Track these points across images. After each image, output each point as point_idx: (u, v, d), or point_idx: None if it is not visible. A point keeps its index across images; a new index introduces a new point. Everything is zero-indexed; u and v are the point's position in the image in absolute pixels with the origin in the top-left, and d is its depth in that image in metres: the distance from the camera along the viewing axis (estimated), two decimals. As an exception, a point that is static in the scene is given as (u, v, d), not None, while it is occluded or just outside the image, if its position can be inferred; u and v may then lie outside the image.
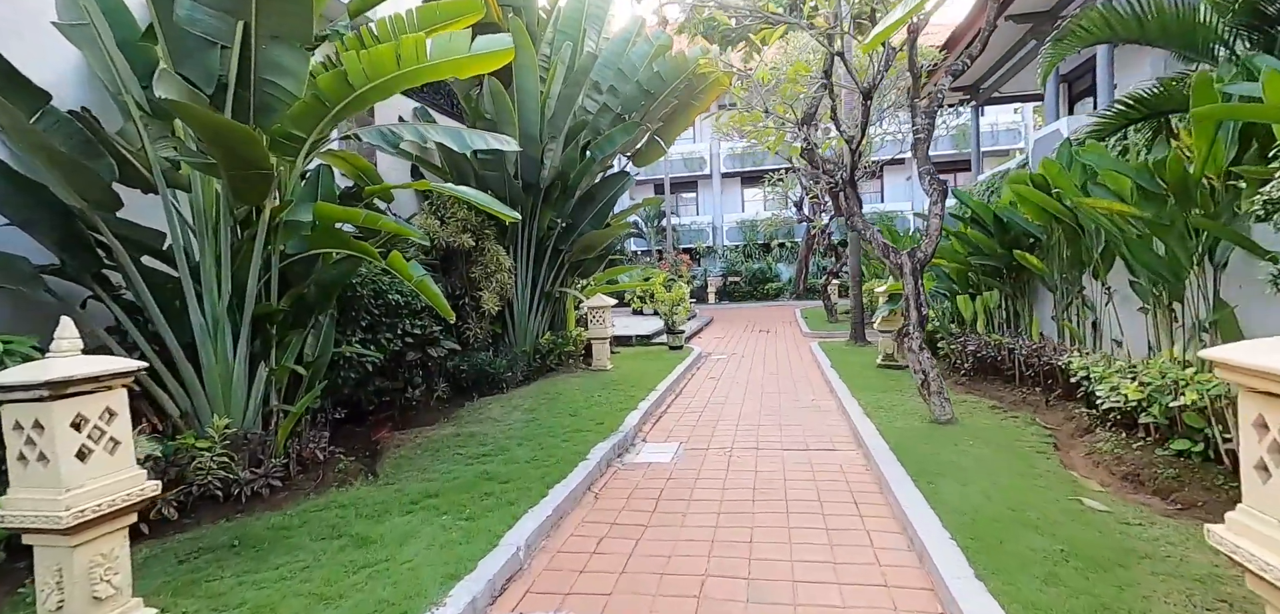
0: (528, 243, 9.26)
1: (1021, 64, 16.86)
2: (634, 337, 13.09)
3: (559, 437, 5.83)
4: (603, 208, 9.52)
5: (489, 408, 7.27)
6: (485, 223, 8.73)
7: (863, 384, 7.81)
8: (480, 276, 8.54)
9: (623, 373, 9.48)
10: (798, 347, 12.76)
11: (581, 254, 9.66)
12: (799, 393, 8.16)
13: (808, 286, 25.63)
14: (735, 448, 5.72)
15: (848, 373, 8.74)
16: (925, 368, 5.80)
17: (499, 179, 8.58)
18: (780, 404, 7.52)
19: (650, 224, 28.49)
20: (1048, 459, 4.56)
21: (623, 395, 7.69)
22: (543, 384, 8.66)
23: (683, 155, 29.93)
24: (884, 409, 6.38)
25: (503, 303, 9.01)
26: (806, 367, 10.23)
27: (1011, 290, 7.39)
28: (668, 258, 23.13)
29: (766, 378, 9.35)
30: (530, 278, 9.34)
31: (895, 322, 9.11)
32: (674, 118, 9.71)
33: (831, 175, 7.17)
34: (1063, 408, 5.84)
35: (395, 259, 4.71)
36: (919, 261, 6.20)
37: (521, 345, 9.31)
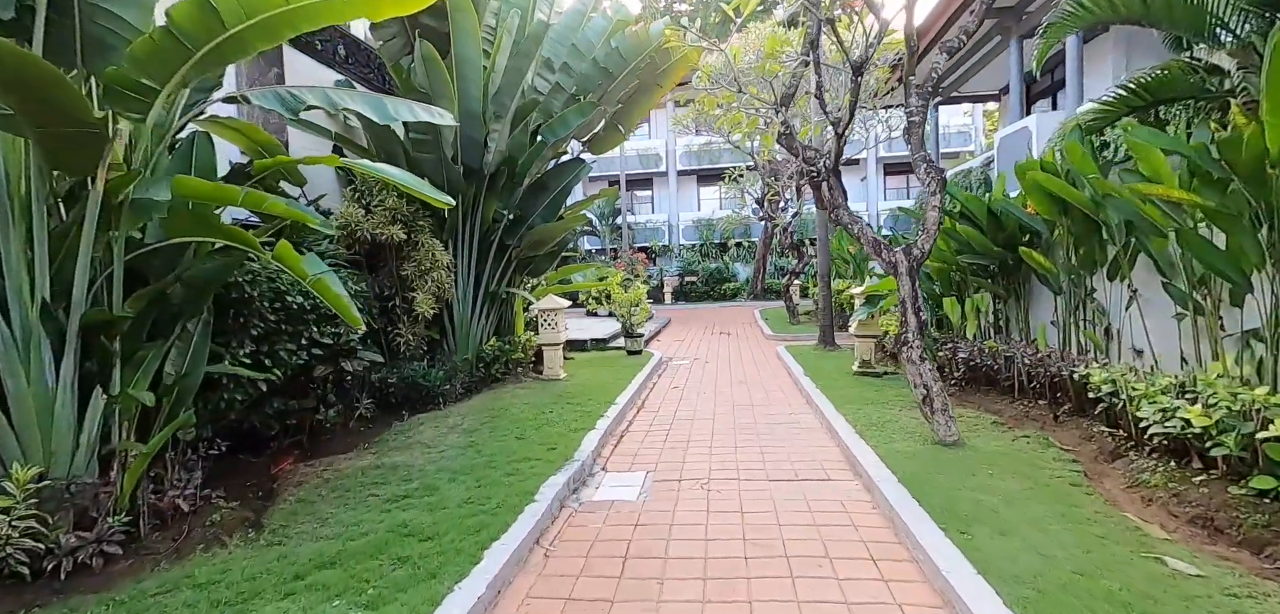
0: (470, 236, 8.17)
1: (981, 63, 16.71)
2: (589, 341, 12.11)
3: (502, 468, 4.82)
4: (555, 199, 8.51)
5: (421, 429, 6.18)
6: (419, 212, 7.61)
7: (843, 395, 7.08)
8: (413, 275, 7.41)
9: (578, 383, 8.50)
10: (762, 350, 12.05)
11: (531, 250, 8.63)
12: (773, 404, 7.37)
13: (765, 287, 25.18)
14: (713, 478, 4.84)
15: (824, 381, 8.02)
16: (928, 382, 5.06)
17: (435, 162, 7.46)
18: (756, 419, 6.70)
19: (605, 222, 27.51)
20: (1087, 494, 3.85)
21: (578, 411, 6.72)
22: (487, 398, 7.59)
23: (638, 151, 29.08)
24: (876, 427, 5.63)
25: (440, 305, 7.90)
26: (776, 373, 9.48)
27: (1004, 292, 6.79)
28: (623, 257, 22.21)
29: (735, 387, 8.54)
30: (473, 276, 8.25)
31: (873, 326, 8.45)
32: (635, 100, 8.80)
33: (812, 163, 6.40)
34: (1075, 425, 5.20)
35: (284, 251, 3.63)
36: (916, 260, 5.47)
37: (463, 353, 8.22)
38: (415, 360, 7.44)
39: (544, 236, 8.35)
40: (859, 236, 5.92)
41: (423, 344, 7.70)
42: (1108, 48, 13.39)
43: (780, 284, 25.61)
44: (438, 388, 7.21)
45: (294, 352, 5.05)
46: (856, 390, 7.34)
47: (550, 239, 8.47)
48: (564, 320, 9.29)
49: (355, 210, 7.08)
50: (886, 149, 27.58)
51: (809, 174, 6.49)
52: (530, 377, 8.96)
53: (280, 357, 4.94)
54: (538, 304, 8.74)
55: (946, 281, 7.80)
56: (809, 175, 6.46)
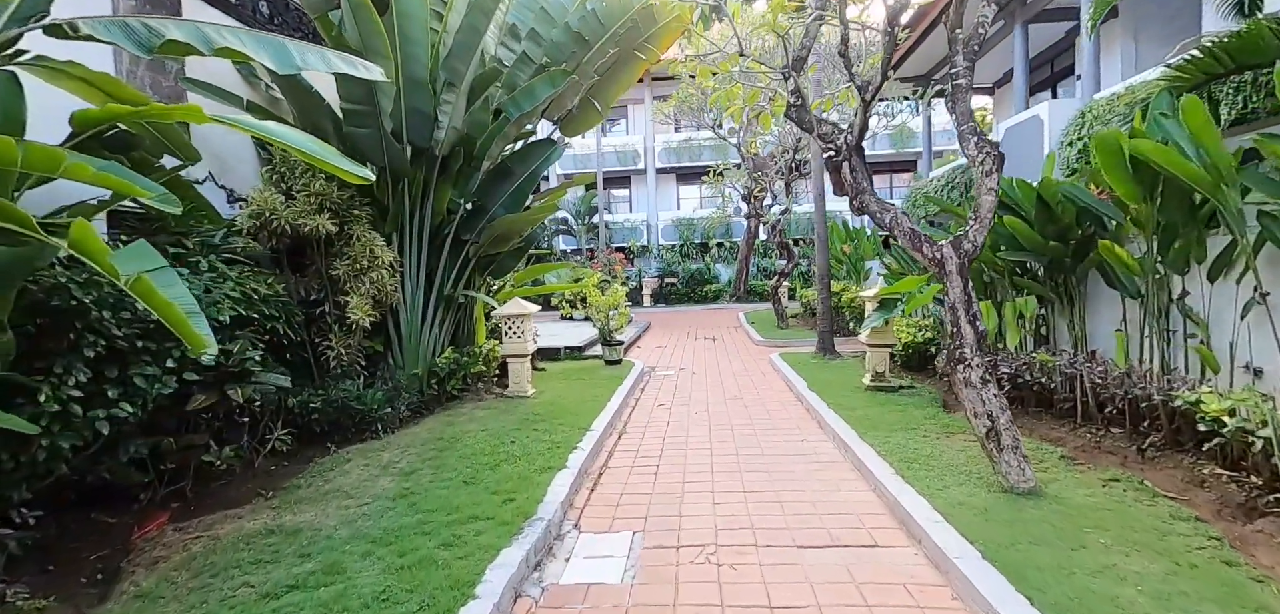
0: (419, 230, 6.89)
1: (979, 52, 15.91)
2: (562, 349, 10.88)
3: (438, 534, 3.58)
4: (522, 185, 7.27)
5: (346, 469, 4.90)
6: (355, 199, 6.32)
7: (861, 416, 5.98)
8: (346, 275, 6.12)
9: (548, 400, 7.27)
10: (754, 359, 10.94)
11: (494, 247, 7.38)
12: (780, 428, 6.24)
13: (748, 288, 24.19)
14: (723, 543, 3.66)
15: (833, 397, 6.92)
16: (993, 412, 3.96)
17: (372, 139, 6.18)
18: (762, 448, 5.55)
19: (581, 221, 26.27)
20: (1255, 579, 2.76)
21: (546, 440, 5.51)
22: (438, 423, 6.33)
23: (616, 148, 27.93)
24: (917, 463, 4.52)
25: (382, 311, 6.61)
26: (774, 387, 8.36)
27: (1053, 295, 5.75)
28: (600, 257, 20.99)
29: (731, 404, 7.39)
30: (422, 277, 6.97)
31: (887, 334, 7.38)
32: (614, 73, 7.60)
33: (830, 140, 5.28)
34: (1171, 463, 4.16)
35: (80, 235, 2.35)
36: (967, 254, 4.38)
37: (411, 368, 6.93)
38: (349, 378, 6.14)
39: (508, 230, 7.10)
40: (891, 227, 4.81)
41: (360, 359, 6.39)
42: (1116, 35, 12.62)
43: (765, 286, 24.65)
44: (375, 412, 5.92)
45: (157, 377, 3.74)
46: (875, 411, 6.25)
47: (515, 233, 7.23)
48: (533, 327, 8.05)
49: (272, 195, 5.76)
50: (870, 147, 26.85)
51: (825, 153, 5.39)
52: (493, 393, 7.71)
53: (136, 385, 3.63)
54: (501, 309, 7.49)
55: (977, 282, 6.75)
56: (825, 155, 5.35)
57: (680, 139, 27.66)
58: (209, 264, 4.60)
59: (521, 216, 6.87)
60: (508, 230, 7.07)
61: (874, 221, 4.98)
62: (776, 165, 15.38)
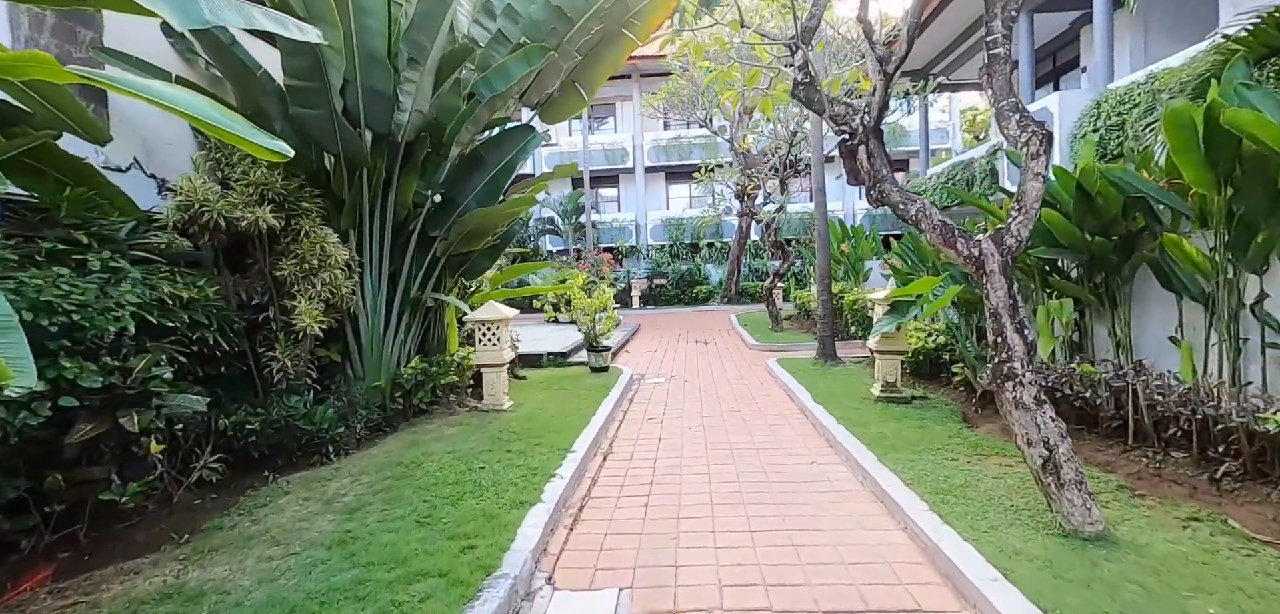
0: (381, 225, 6.16)
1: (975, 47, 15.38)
2: (545, 355, 10.16)
3: (376, 599, 2.87)
4: (497, 176, 6.54)
5: (280, 506, 4.17)
6: (304, 190, 5.59)
7: (877, 434, 5.34)
8: (293, 276, 5.37)
9: (526, 415, 6.56)
10: (749, 364, 10.28)
11: (465, 244, 6.65)
12: (786, 447, 5.57)
13: (739, 289, 23.57)
14: (729, 603, 2.98)
15: (841, 410, 6.27)
16: (1051, 439, 3.31)
17: (322, 121, 5.44)
18: (766, 471, 4.88)
19: (568, 220, 25.54)
20: None
21: (520, 465, 4.80)
22: (400, 442, 5.60)
23: (603, 146, 27.21)
24: (953, 494, 3.87)
25: (339, 316, 5.88)
26: (774, 397, 7.70)
27: (1092, 297, 5.12)
28: (587, 257, 20.27)
29: (729, 418, 6.71)
30: (384, 277, 6.24)
31: (899, 340, 6.73)
32: (599, 53, 6.90)
33: (844, 122, 4.62)
34: (1254, 497, 3.53)
35: None
36: (1010, 250, 3.74)
37: (372, 380, 6.20)
38: (297, 394, 5.39)
39: (481, 225, 6.38)
40: (917, 219, 4.16)
41: (310, 371, 5.65)
42: (1125, 26, 12.11)
43: (757, 287, 24.03)
44: (326, 433, 5.18)
45: (23, 405, 3.00)
46: (891, 426, 5.60)
47: (489, 228, 6.50)
48: (510, 334, 7.34)
49: (203, 184, 5.00)
50: (863, 145, 26.31)
51: (840, 137, 4.74)
52: (466, 406, 6.98)
53: (-10, 411, 2.89)
54: (474, 314, 6.76)
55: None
56: (840, 140, 4.70)
57: (670, 136, 27.02)
58: (102, 262, 3.84)
59: (496, 210, 6.15)
60: (481, 225, 6.35)
61: (897, 214, 4.32)
62: (769, 162, 14.75)
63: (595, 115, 29.50)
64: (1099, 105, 9.23)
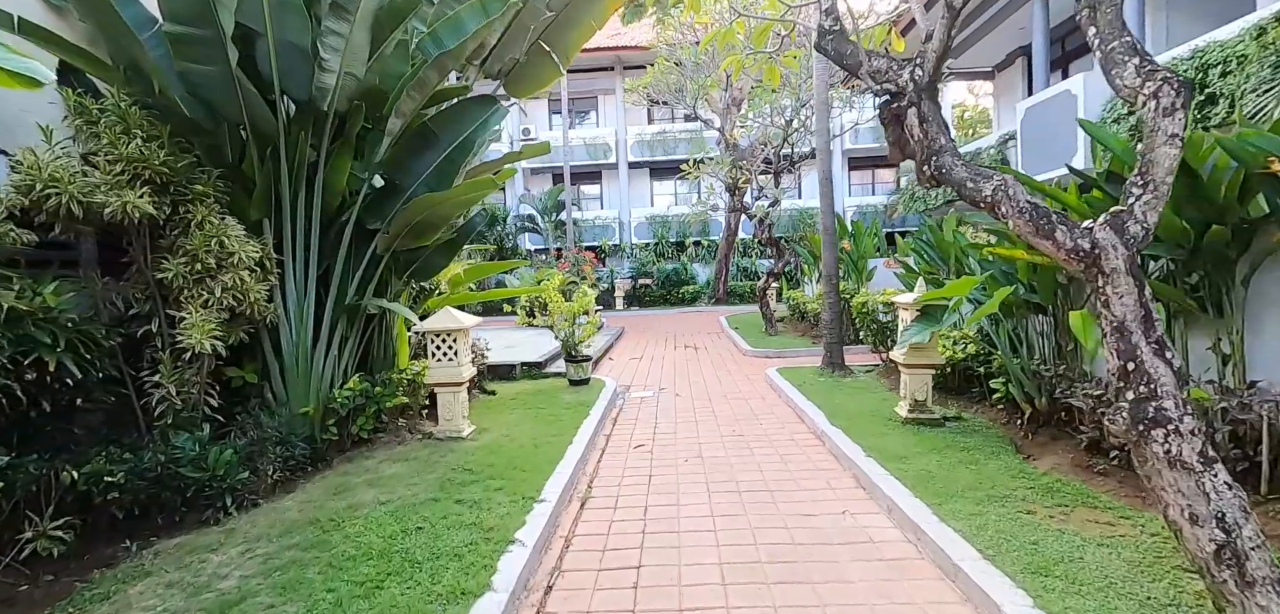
0: (306, 215, 5.00)
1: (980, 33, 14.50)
2: (518, 366, 9.03)
3: None
4: (452, 156, 5.40)
5: (125, 599, 3.01)
6: (198, 169, 4.41)
7: (918, 470, 4.31)
8: (182, 279, 4.20)
9: (489, 445, 5.44)
10: (746, 373, 9.25)
11: (414, 238, 5.50)
12: (804, 486, 4.52)
13: (728, 289, 22.59)
14: None
15: (868, 437, 5.25)
16: (1227, 516, 2.27)
17: (217, 80, 4.26)
18: (789, 528, 3.82)
19: (548, 217, 24.35)
20: None
21: (471, 522, 3.70)
22: (324, 488, 4.47)
23: (585, 141, 26.05)
24: (1053, 572, 2.85)
25: (251, 328, 4.72)
26: (781, 417, 6.65)
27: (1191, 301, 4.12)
28: (567, 256, 19.13)
29: (730, 444, 5.65)
30: (311, 279, 5.08)
31: (931, 352, 5.72)
32: (575, 12, 5.78)
33: (887, 78, 3.58)
34: None
35: None
36: (1136, 241, 2.72)
37: (299, 405, 5.05)
38: (190, 429, 4.22)
39: (433, 215, 5.22)
40: (995, 201, 3.11)
41: (211, 397, 4.48)
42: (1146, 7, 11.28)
43: (745, 287, 23.04)
44: (224, 480, 4.02)
45: None
46: (933, 460, 4.57)
47: (442, 219, 5.36)
48: (472, 345, 6.21)
49: (53, 160, 3.81)
50: (852, 140, 25.53)
51: (881, 97, 3.71)
52: (418, 432, 5.85)
53: None
54: (425, 323, 5.63)
55: (1049, 283, 5.14)
56: (881, 102, 3.67)
57: (654, 131, 25.98)
58: None
59: (449, 195, 4.99)
60: (432, 215, 5.19)
61: (963, 195, 3.28)
62: (763, 153, 13.72)
63: (577, 108, 28.35)
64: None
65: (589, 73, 25.89)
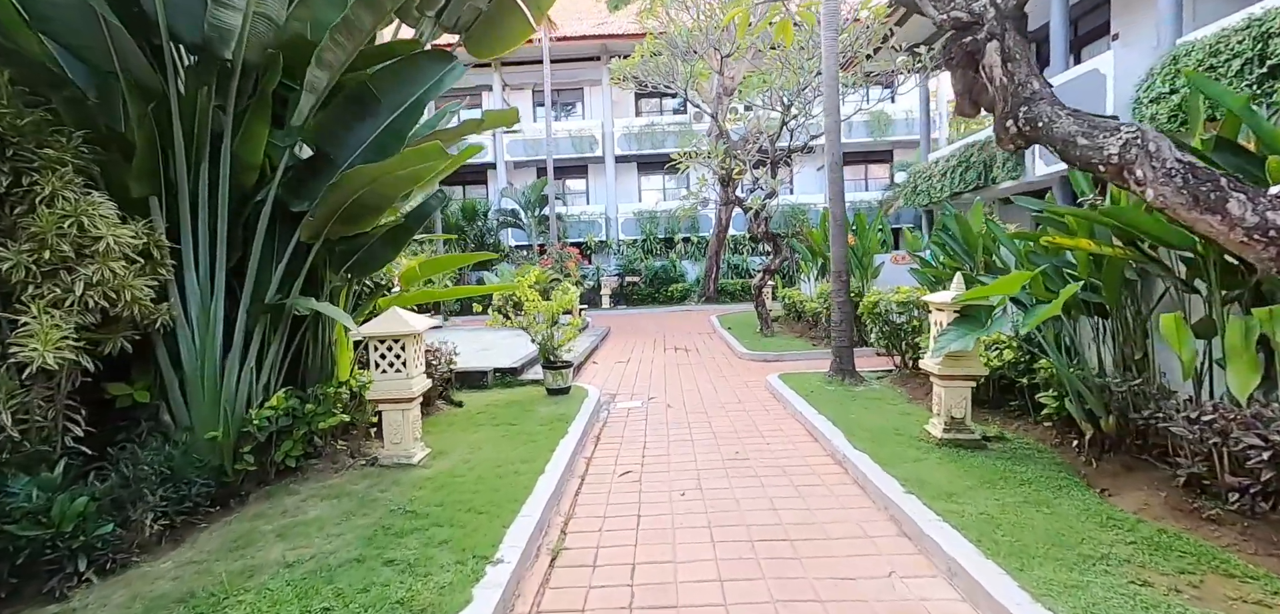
0: (210, 194, 4.01)
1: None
2: (490, 372, 8.05)
3: None
4: (396, 124, 4.39)
5: None
6: (48, 130, 3.41)
7: (980, 515, 3.43)
8: (25, 271, 3.20)
9: (444, 474, 4.48)
10: (744, 380, 8.36)
11: (351, 223, 4.50)
12: (833, 533, 3.61)
13: (718, 288, 21.72)
14: None
15: (895, 460, 4.37)
16: None
17: (84, 21, 3.26)
18: (822, 598, 2.91)
19: (531, 212, 23.33)
20: None
21: (400, 596, 2.74)
22: (221, 538, 3.49)
23: (570, 133, 25.03)
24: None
25: (136, 332, 3.73)
26: (791, 435, 5.75)
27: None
28: (551, 251, 18.15)
29: (735, 473, 4.73)
30: (220, 274, 4.09)
31: (971, 362, 4.83)
32: (549, -46, 4.83)
33: (964, 9, 2.69)
34: None
35: None
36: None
37: (205, 430, 4.06)
38: (38, 465, 3.22)
39: (373, 193, 4.23)
40: (1123, 162, 2.25)
41: (70, 425, 3.48)
42: None
43: (735, 285, 22.16)
44: (75, 537, 3.03)
45: None
46: (992, 499, 3.68)
47: (384, 198, 4.36)
48: (422, 351, 5.26)
49: None
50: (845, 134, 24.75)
51: (952, 31, 2.82)
52: (361, 457, 4.88)
53: None
54: (366, 327, 4.65)
55: (1115, 280, 4.28)
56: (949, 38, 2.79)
57: (642, 123, 25.04)
58: None
59: (386, 166, 3.99)
60: (370, 195, 4.21)
61: (1070, 156, 2.39)
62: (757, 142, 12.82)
63: (562, 100, 27.34)
64: (1175, 60, 7.51)
65: (574, 63, 24.93)
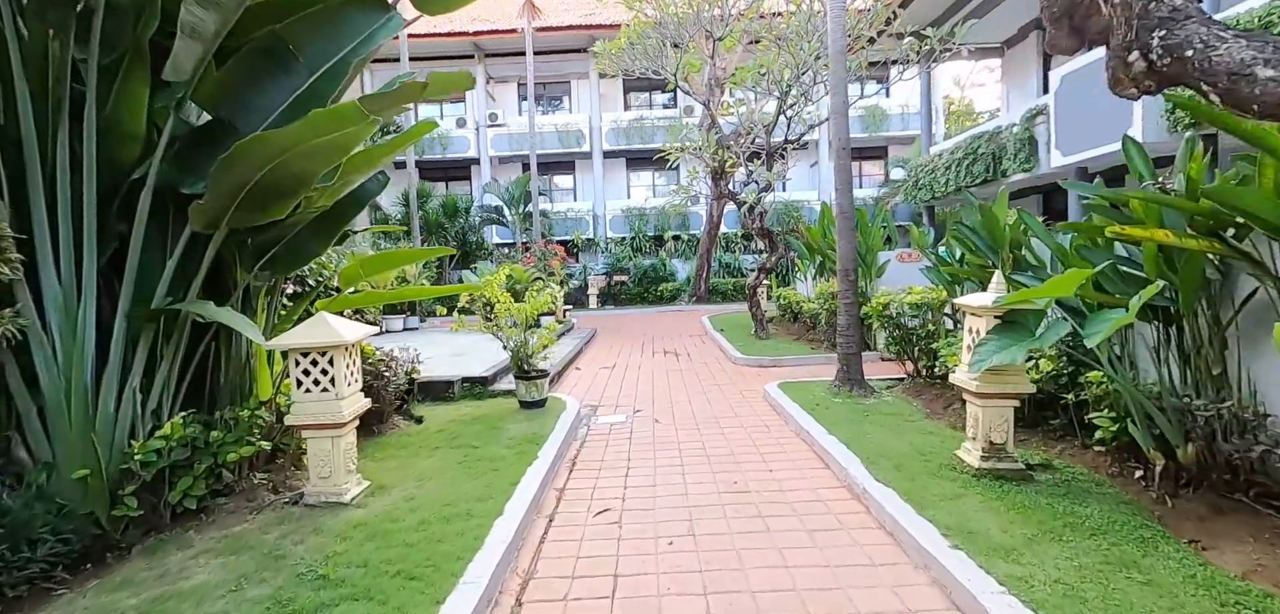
0: (70, 171, 3.15)
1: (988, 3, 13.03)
2: (458, 382, 7.21)
3: None
4: (317, 86, 3.55)
5: None
6: None
7: (1052, 585, 2.66)
8: None
9: (380, 518, 3.65)
10: (740, 390, 7.58)
11: (260, 209, 3.63)
12: (861, 605, 2.83)
13: (710, 287, 20.96)
14: None
15: (929, 497, 3.61)
16: None
17: None
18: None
19: (515, 208, 22.46)
20: None
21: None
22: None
23: (557, 128, 24.17)
24: None
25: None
26: (797, 459, 4.96)
27: None
28: (533, 248, 17.30)
29: (736, 511, 3.94)
30: (89, 271, 3.24)
31: (1016, 378, 4.06)
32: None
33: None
34: None
35: None
36: None
37: (71, 468, 3.21)
38: None
39: (279, 172, 3.37)
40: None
41: None
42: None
43: (727, 284, 21.41)
44: None
45: None
46: (1064, 556, 2.91)
47: (295, 177, 3.49)
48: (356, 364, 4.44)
49: None
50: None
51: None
52: (285, 491, 4.05)
53: None
54: (282, 339, 3.80)
55: (1194, 279, 3.53)
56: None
57: (631, 117, 24.25)
58: None
59: (290, 132, 3.12)
60: (282, 175, 3.35)
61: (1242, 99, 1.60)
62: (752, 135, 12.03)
63: (548, 94, 26.47)
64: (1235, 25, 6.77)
65: (561, 54, 24.07)
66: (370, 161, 4.01)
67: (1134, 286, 3.78)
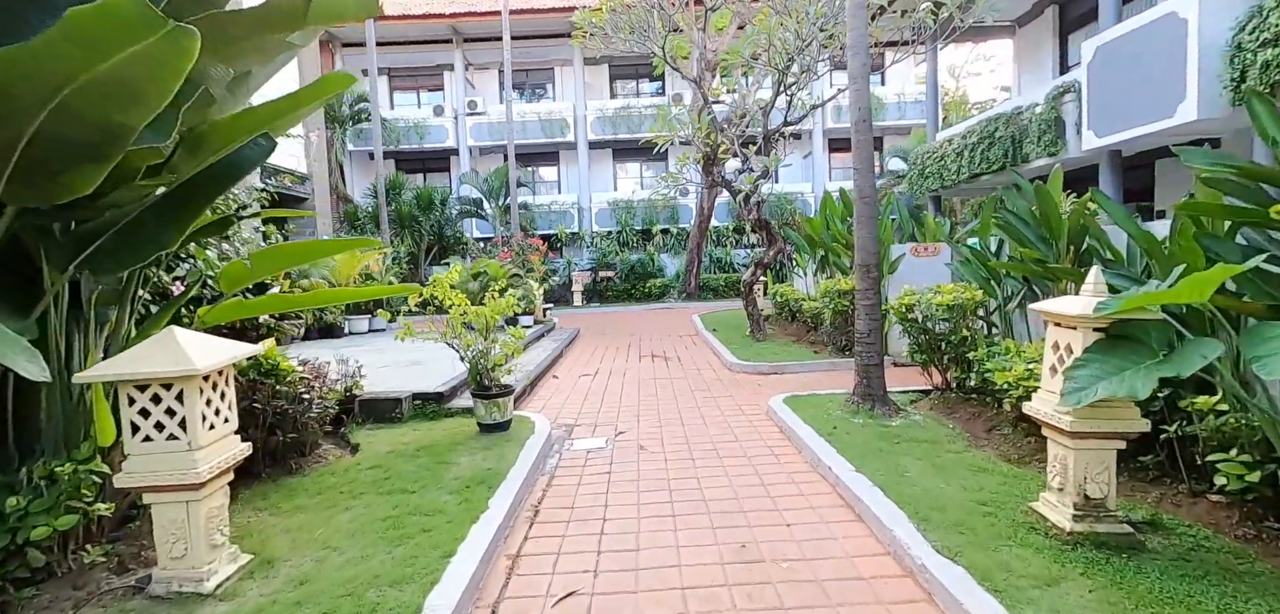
0: None
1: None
2: (407, 398, 6.08)
3: None
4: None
5: None
6: None
7: None
8: None
9: (264, 604, 2.56)
10: (739, 403, 6.55)
11: (43, 180, 2.51)
12: None
13: (700, 283, 19.94)
14: None
15: (1014, 577, 2.58)
16: None
17: None
18: None
19: (495, 200, 21.29)
20: None
21: None
22: None
23: (540, 116, 22.99)
24: None
25: None
26: (820, 508, 3.91)
27: None
28: (512, 243, 16.15)
29: (743, 584, 2.88)
30: None
31: (1127, 413, 3.01)
32: None
33: None
34: None
35: None
36: None
37: None
38: None
39: (70, 122, 2.24)
40: None
41: None
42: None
43: (718, 280, 20.37)
44: None
45: None
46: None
47: (107, 131, 2.38)
48: (227, 398, 3.36)
49: None
50: (834, 118, 23.19)
51: None
52: (133, 571, 2.92)
53: None
54: (99, 369, 2.67)
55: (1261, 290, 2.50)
56: None
57: (617, 106, 23.13)
58: None
59: (42, 45, 1.98)
60: (71, 121, 2.22)
61: None
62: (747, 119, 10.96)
63: (531, 82, 25.27)
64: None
65: (543, 40, 22.85)
66: (251, 124, 2.88)
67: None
